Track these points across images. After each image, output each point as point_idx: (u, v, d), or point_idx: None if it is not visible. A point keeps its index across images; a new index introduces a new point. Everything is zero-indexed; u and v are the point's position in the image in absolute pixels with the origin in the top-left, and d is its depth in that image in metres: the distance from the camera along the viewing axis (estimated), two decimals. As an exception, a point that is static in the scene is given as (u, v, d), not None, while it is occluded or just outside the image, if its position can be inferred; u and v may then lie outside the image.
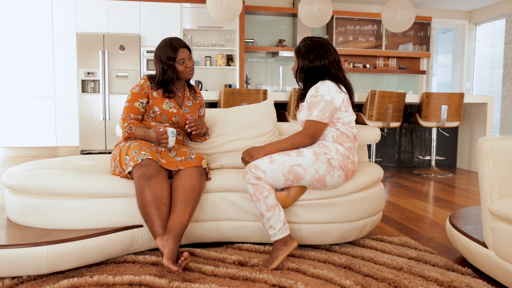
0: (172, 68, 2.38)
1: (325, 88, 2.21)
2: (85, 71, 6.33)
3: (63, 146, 6.52)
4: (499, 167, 1.94)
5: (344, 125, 2.24)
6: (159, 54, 2.39)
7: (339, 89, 2.24)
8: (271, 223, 2.10)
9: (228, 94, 4.25)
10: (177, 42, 2.39)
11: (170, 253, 1.89)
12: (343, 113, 2.24)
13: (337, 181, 2.22)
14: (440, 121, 4.80)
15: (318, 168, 2.15)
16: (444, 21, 8.32)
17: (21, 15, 6.26)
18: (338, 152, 2.19)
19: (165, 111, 2.42)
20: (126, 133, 2.38)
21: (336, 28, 7.74)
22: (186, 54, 2.41)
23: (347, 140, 2.23)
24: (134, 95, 2.41)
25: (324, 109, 2.18)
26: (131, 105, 2.40)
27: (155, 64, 2.44)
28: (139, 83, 2.44)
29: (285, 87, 7.84)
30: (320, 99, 2.19)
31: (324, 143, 2.22)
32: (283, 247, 2.09)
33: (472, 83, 8.44)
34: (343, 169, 2.20)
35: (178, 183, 2.15)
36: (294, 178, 2.15)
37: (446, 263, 2.14)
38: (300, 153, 2.17)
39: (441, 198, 3.78)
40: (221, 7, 4.82)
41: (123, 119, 2.40)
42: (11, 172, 2.21)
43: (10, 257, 1.82)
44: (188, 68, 2.43)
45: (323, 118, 2.18)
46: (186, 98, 2.55)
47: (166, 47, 2.37)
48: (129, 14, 6.52)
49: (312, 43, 2.29)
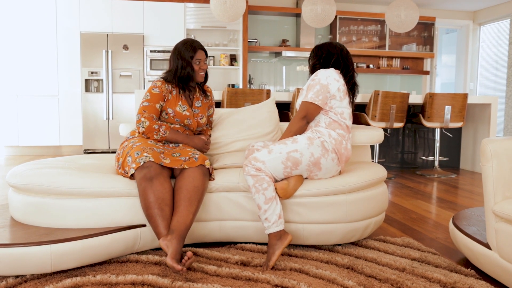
0: (190, 66, 2.46)
1: (324, 74, 2.37)
2: (89, 71, 6.35)
3: (66, 145, 6.54)
4: (503, 168, 1.93)
5: (336, 115, 2.36)
6: (180, 50, 2.47)
7: (337, 77, 2.38)
8: (267, 215, 2.13)
9: (231, 94, 4.26)
10: (197, 44, 2.50)
11: (174, 253, 1.90)
12: (336, 102, 2.35)
13: (331, 164, 2.28)
14: (444, 121, 4.79)
15: (313, 151, 2.23)
16: (448, 21, 8.30)
17: (25, 15, 6.28)
18: (331, 136, 2.30)
19: (178, 113, 2.45)
20: (160, 136, 2.36)
21: (339, 28, 7.72)
22: (203, 56, 2.50)
23: (339, 127, 2.35)
24: (155, 96, 2.41)
25: (318, 92, 2.32)
26: (153, 106, 2.39)
27: (171, 60, 2.50)
28: (156, 85, 2.44)
29: (288, 87, 7.84)
30: (317, 82, 2.35)
31: (317, 129, 2.33)
32: (278, 242, 2.11)
33: (476, 84, 8.41)
34: (336, 153, 2.29)
35: (181, 184, 2.15)
36: (292, 165, 2.21)
37: (449, 264, 2.14)
38: (295, 140, 2.27)
39: (444, 199, 3.77)
40: (225, 7, 4.82)
41: (148, 118, 2.35)
42: (15, 171, 2.22)
43: (13, 256, 1.83)
44: (201, 70, 2.50)
45: (316, 100, 2.32)
46: (196, 99, 2.58)
47: (187, 45, 2.47)
48: (132, 13, 6.54)
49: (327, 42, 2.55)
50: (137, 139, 2.34)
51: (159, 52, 6.58)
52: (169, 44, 6.62)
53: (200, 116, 2.56)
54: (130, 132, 2.49)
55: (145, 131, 2.35)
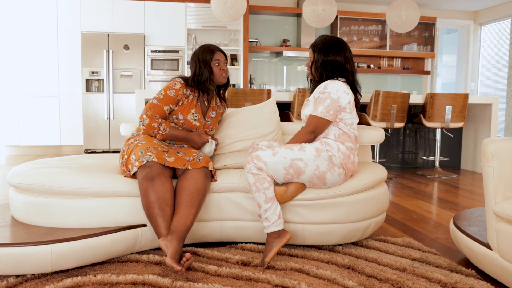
0: (208, 68, 2.46)
1: (334, 87, 2.26)
2: (90, 70, 6.35)
3: (67, 145, 6.55)
4: (504, 169, 1.93)
5: (347, 126, 2.28)
6: (197, 54, 2.49)
7: (347, 90, 2.29)
8: (267, 215, 2.12)
9: (232, 94, 4.26)
10: (214, 46, 2.52)
11: (173, 253, 1.90)
12: (346, 115, 2.28)
13: (337, 179, 2.23)
14: (445, 121, 4.78)
15: (319, 164, 2.17)
16: (449, 22, 8.29)
17: (26, 14, 6.28)
18: (339, 150, 2.22)
19: (188, 122, 2.46)
20: (159, 134, 2.37)
21: (340, 28, 7.72)
22: (222, 58, 2.51)
23: (348, 140, 2.27)
24: (168, 98, 2.41)
25: (329, 107, 2.22)
26: (161, 107, 2.39)
27: (191, 66, 2.51)
28: (175, 86, 2.43)
29: (289, 87, 7.84)
30: (327, 96, 2.24)
31: (326, 141, 2.25)
32: (276, 239, 2.11)
33: (476, 84, 8.40)
34: (344, 168, 2.22)
35: (183, 185, 2.15)
36: (294, 172, 2.16)
37: (449, 265, 2.13)
38: (302, 148, 2.20)
39: (445, 199, 3.76)
40: (225, 7, 4.82)
41: (150, 116, 2.35)
42: (16, 171, 2.22)
43: (14, 255, 1.83)
44: (222, 71, 2.50)
45: (327, 115, 2.22)
46: (211, 108, 2.59)
47: (204, 48, 2.50)
48: (133, 13, 6.54)
49: (329, 38, 2.37)
50: (142, 137, 2.35)
51: (159, 52, 6.58)
52: (169, 44, 6.62)
53: (210, 128, 2.57)
54: (136, 128, 2.50)
55: (145, 128, 2.36)
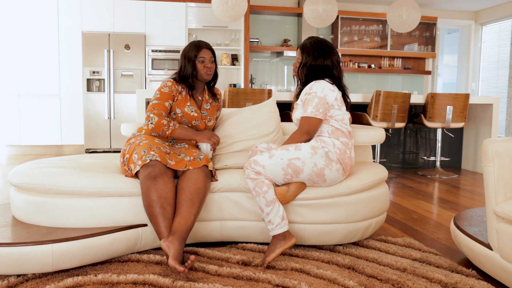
0: (192, 64, 2.48)
1: (319, 86, 2.31)
2: (91, 70, 6.35)
3: (68, 144, 6.55)
4: (505, 169, 1.93)
5: (338, 122, 2.32)
6: (185, 50, 2.52)
7: (332, 87, 2.33)
8: (270, 218, 2.13)
9: (233, 94, 4.26)
10: (203, 43, 2.52)
11: (175, 254, 1.89)
12: (336, 111, 2.32)
13: (336, 175, 2.24)
14: (445, 122, 4.78)
15: (317, 162, 2.19)
16: (450, 22, 8.28)
17: (27, 14, 6.29)
18: (335, 146, 2.25)
19: (187, 114, 2.47)
20: (169, 130, 2.36)
21: (341, 28, 7.72)
22: (208, 55, 2.50)
23: (342, 135, 2.30)
24: (164, 95, 2.44)
25: (317, 105, 2.27)
26: (162, 104, 2.41)
27: (179, 61, 2.57)
28: (166, 84, 2.48)
29: (290, 87, 7.84)
30: (314, 96, 2.29)
31: (321, 138, 2.28)
32: (281, 242, 2.11)
33: (477, 84, 8.39)
34: (341, 163, 2.24)
35: (183, 185, 2.15)
36: (293, 172, 2.18)
37: (450, 265, 2.13)
38: (298, 147, 2.23)
39: (446, 199, 3.76)
40: (226, 7, 4.82)
41: (157, 114, 2.35)
42: (16, 171, 2.22)
43: (15, 255, 1.83)
44: (206, 68, 2.50)
45: (317, 114, 2.27)
46: (205, 101, 2.61)
47: (192, 45, 2.52)
48: (134, 13, 6.54)
49: (318, 42, 2.40)
50: (144, 137, 2.34)
51: (160, 52, 6.59)
52: (170, 44, 6.63)
53: (208, 119, 2.58)
54: (137, 128, 2.50)
55: (154, 127, 2.35)
